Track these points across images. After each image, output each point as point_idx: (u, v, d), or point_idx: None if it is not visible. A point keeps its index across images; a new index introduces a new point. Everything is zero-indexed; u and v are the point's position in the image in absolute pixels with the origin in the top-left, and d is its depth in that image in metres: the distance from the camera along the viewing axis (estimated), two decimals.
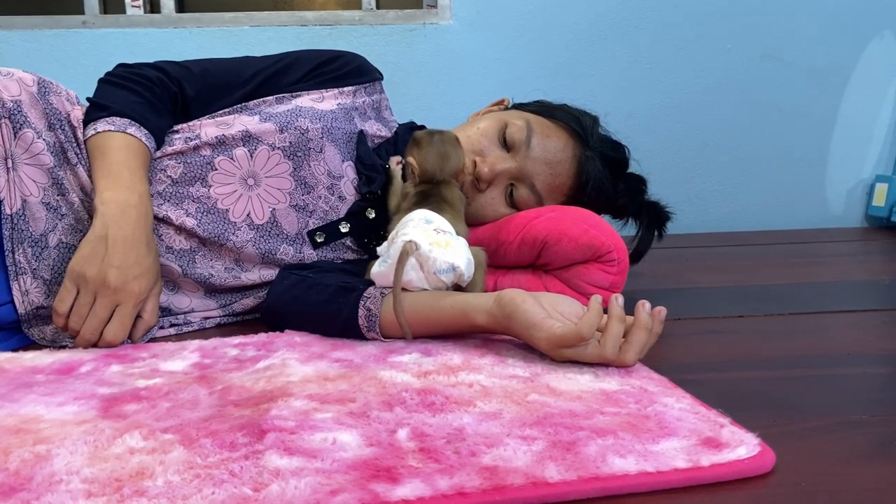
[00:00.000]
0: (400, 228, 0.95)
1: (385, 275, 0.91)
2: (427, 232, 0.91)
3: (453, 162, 1.08)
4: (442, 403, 0.69)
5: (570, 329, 0.78)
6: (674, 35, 2.07)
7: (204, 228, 1.06)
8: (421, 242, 0.89)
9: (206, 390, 0.75)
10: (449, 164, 1.07)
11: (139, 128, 1.04)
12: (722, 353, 0.92)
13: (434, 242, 0.89)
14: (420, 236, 0.89)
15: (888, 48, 2.13)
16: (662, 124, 2.09)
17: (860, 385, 0.80)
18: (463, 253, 0.92)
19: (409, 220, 0.96)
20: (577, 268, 1.09)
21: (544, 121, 1.17)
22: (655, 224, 1.23)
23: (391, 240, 0.94)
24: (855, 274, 1.53)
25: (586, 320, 0.77)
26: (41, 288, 0.99)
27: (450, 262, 0.89)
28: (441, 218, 0.97)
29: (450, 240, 0.92)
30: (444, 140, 1.09)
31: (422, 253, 0.89)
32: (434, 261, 0.89)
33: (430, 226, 0.93)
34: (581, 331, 0.77)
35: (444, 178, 1.07)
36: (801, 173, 2.18)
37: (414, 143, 1.09)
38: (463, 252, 0.92)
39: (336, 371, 0.80)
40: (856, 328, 1.03)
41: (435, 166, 1.06)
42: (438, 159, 1.07)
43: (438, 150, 1.07)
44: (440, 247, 0.90)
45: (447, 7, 2.01)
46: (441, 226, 0.95)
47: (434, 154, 1.07)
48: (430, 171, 1.06)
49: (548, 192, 1.15)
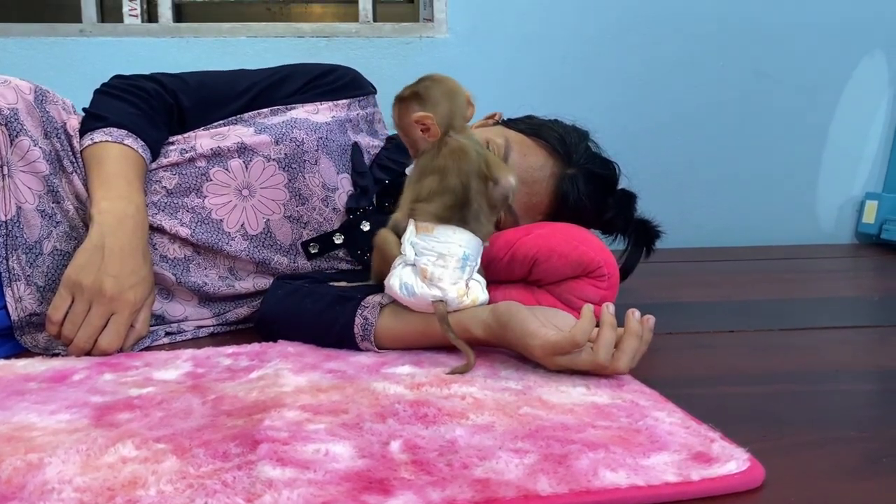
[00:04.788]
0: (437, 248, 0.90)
1: (411, 303, 0.91)
2: (460, 283, 0.90)
3: (461, 98, 0.96)
4: (435, 415, 0.69)
5: (565, 336, 0.79)
6: (667, 52, 2.09)
7: (198, 238, 1.06)
8: (452, 301, 0.89)
9: (199, 400, 0.75)
10: (458, 100, 0.95)
11: (136, 139, 1.04)
12: (713, 367, 0.92)
13: (461, 294, 0.89)
14: (453, 291, 0.89)
15: (878, 67, 2.15)
16: (655, 140, 2.11)
17: (849, 401, 0.80)
18: (481, 291, 0.93)
19: (448, 252, 0.89)
20: (569, 283, 1.09)
21: (525, 139, 1.16)
22: (644, 241, 1.23)
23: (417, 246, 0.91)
24: (845, 290, 1.54)
25: (580, 327, 0.79)
26: (34, 295, 0.99)
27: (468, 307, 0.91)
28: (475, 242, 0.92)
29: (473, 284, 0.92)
30: (440, 81, 0.97)
31: (450, 306, 0.90)
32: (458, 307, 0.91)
33: (463, 273, 0.90)
34: (575, 337, 0.78)
35: (461, 120, 0.95)
36: (792, 190, 2.19)
37: (415, 99, 0.96)
38: (481, 290, 0.93)
39: (329, 382, 0.80)
40: (846, 344, 1.04)
41: (447, 111, 0.94)
42: (447, 100, 0.95)
43: (443, 91, 0.95)
44: (467, 298, 0.90)
45: (443, 21, 2.02)
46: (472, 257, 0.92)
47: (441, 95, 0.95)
48: (446, 116, 0.94)
49: (524, 211, 1.15)
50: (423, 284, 0.89)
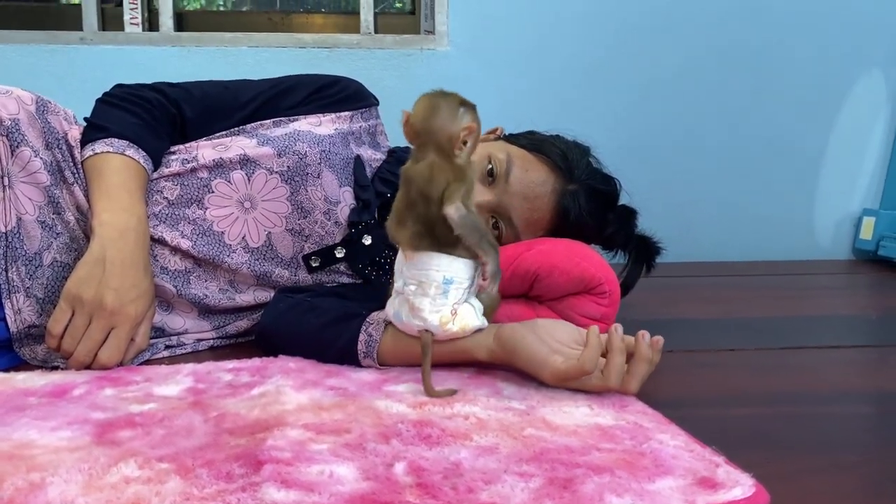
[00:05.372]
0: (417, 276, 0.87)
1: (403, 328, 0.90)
2: (444, 310, 0.86)
3: (442, 117, 0.86)
4: (438, 436, 0.69)
5: (574, 365, 0.80)
6: (668, 67, 2.10)
7: (199, 250, 1.06)
8: (436, 330, 0.86)
9: (201, 417, 0.74)
10: (436, 119, 0.85)
11: (137, 150, 1.04)
12: (715, 387, 0.92)
13: (445, 322, 0.86)
14: (434, 320, 0.86)
15: (876, 84, 2.16)
16: (654, 154, 2.11)
17: (851, 424, 0.80)
18: (473, 317, 0.89)
19: (426, 279, 0.86)
20: (570, 299, 1.09)
21: (527, 155, 1.16)
22: (644, 258, 1.23)
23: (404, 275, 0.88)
24: (843, 308, 1.55)
25: (588, 356, 0.79)
26: (34, 307, 0.99)
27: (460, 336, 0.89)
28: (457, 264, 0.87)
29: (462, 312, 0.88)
30: (444, 95, 0.89)
31: (438, 336, 0.88)
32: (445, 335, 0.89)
33: (446, 299, 0.86)
34: (584, 367, 0.79)
35: (428, 134, 0.86)
36: (790, 205, 2.20)
37: (474, 110, 0.90)
38: (473, 316, 0.89)
39: (331, 399, 0.80)
40: (846, 364, 1.04)
41: (418, 119, 0.87)
42: (427, 111, 0.86)
43: (431, 103, 0.87)
44: (453, 325, 0.87)
45: (445, 33, 2.03)
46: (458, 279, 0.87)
47: (424, 106, 0.87)
48: (414, 124, 0.87)
49: (525, 227, 1.15)
50: (410, 314, 0.88)
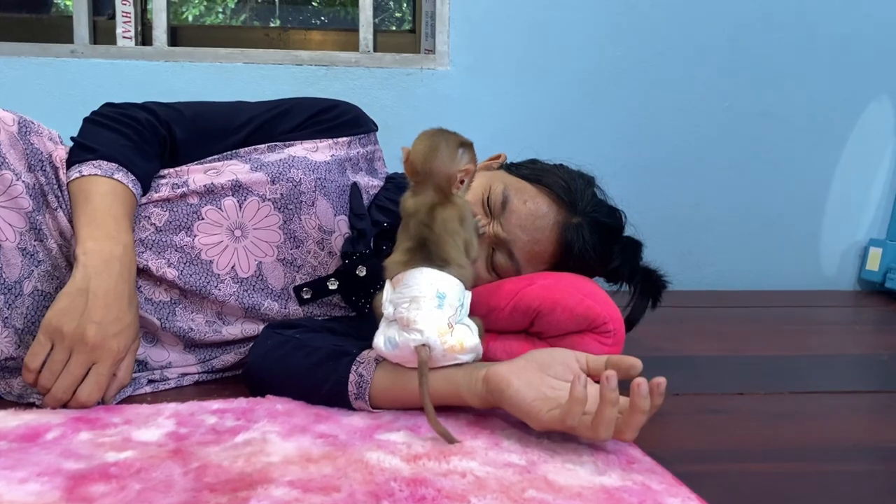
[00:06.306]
0: (408, 293, 0.85)
1: (397, 357, 0.86)
2: (440, 321, 0.84)
3: (441, 158, 0.91)
4: (434, 498, 0.64)
5: (556, 419, 0.76)
6: (672, 90, 2.07)
7: (185, 280, 1.01)
8: (434, 342, 0.83)
9: (181, 469, 0.70)
10: (436, 159, 0.91)
11: (126, 173, 0.99)
12: (724, 438, 0.88)
13: (443, 333, 0.83)
14: (432, 331, 0.83)
15: (885, 112, 2.13)
16: (657, 178, 2.08)
17: (863, 483, 0.76)
18: (471, 338, 0.87)
19: (419, 293, 0.85)
20: (572, 337, 1.05)
21: (527, 186, 1.12)
22: (650, 292, 1.19)
23: (393, 300, 0.87)
24: (852, 346, 1.50)
25: (570, 412, 0.74)
26: (12, 338, 0.94)
27: (459, 357, 0.86)
28: (449, 281, 0.88)
29: (459, 327, 0.86)
30: (444, 135, 0.94)
31: (435, 356, 0.84)
32: (446, 359, 0.85)
33: (441, 312, 0.84)
34: (566, 422, 0.75)
35: (428, 173, 0.91)
36: (795, 233, 2.17)
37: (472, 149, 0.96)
38: (471, 337, 0.87)
39: (320, 450, 0.75)
40: (859, 412, 1.00)
41: (419, 159, 0.91)
42: (427, 151, 0.91)
43: (431, 143, 0.92)
44: (451, 337, 0.84)
45: (445, 53, 1.99)
46: (451, 296, 0.86)
47: (424, 146, 0.92)
48: (414, 163, 0.92)
49: (527, 260, 1.11)
50: (404, 332, 0.84)
